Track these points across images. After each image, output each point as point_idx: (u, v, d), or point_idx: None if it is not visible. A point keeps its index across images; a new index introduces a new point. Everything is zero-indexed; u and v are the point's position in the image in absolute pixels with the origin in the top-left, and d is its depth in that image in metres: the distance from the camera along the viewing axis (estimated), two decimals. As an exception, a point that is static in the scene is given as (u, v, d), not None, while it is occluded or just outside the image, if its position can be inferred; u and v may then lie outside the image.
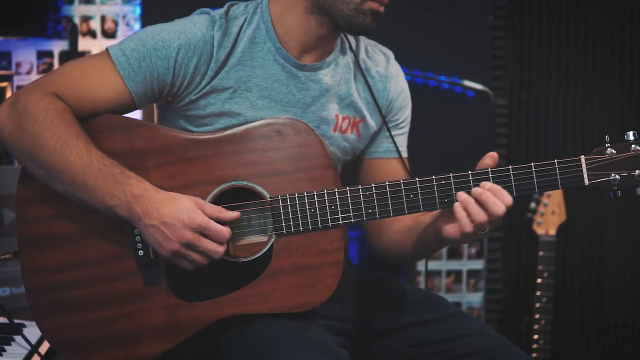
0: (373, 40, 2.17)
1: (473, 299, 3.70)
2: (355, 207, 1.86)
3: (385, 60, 2.12)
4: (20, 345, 2.00)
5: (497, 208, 1.76)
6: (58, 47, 3.36)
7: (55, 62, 3.35)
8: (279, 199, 1.86)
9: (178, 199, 1.82)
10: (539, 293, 3.34)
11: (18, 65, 3.35)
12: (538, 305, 3.34)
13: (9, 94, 3.11)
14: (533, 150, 3.58)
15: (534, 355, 3.33)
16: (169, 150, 1.89)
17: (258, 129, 1.90)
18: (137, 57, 1.90)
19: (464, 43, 3.49)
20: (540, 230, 3.38)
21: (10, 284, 2.54)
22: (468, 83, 3.47)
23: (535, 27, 3.59)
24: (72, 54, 3.32)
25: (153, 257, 1.87)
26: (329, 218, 1.86)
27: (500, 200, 1.76)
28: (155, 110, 2.08)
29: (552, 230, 3.37)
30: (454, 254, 3.68)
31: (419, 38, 3.44)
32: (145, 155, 1.88)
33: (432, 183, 1.83)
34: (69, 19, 3.37)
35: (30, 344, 1.97)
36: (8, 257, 2.14)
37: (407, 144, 2.17)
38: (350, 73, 2.07)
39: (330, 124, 2.03)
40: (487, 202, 1.76)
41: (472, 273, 3.69)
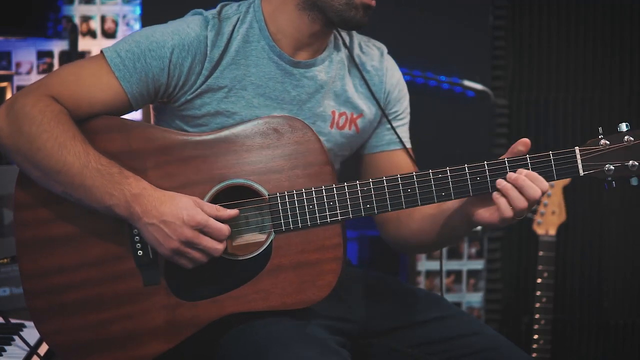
0: (377, 41, 2.19)
1: (473, 299, 3.70)
2: (354, 202, 1.86)
3: (379, 54, 2.14)
4: (19, 347, 2.00)
5: (534, 192, 1.78)
6: (58, 47, 3.36)
7: (55, 62, 3.35)
8: (277, 197, 1.87)
9: (177, 198, 1.82)
10: (539, 293, 3.34)
11: (18, 65, 3.35)
12: (538, 305, 3.34)
13: (9, 94, 3.11)
14: (533, 151, 3.57)
15: (534, 355, 3.32)
16: (167, 151, 1.90)
17: (255, 127, 1.90)
18: (131, 58, 1.91)
19: (464, 43, 3.48)
20: (540, 230, 3.37)
21: (10, 284, 2.54)
22: (468, 83, 3.47)
23: (535, 27, 3.59)
24: (72, 54, 3.32)
25: (152, 257, 1.87)
26: (328, 214, 1.86)
27: (537, 186, 1.78)
28: (152, 112, 2.09)
29: (552, 230, 3.37)
30: (454, 254, 3.68)
31: (419, 38, 3.43)
32: (143, 156, 1.89)
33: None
34: (69, 19, 3.37)
35: (29, 345, 1.96)
36: (6, 261, 2.13)
37: (409, 135, 2.18)
38: (345, 69, 2.08)
39: (327, 120, 2.04)
40: (524, 186, 1.78)
41: (472, 273, 3.69)
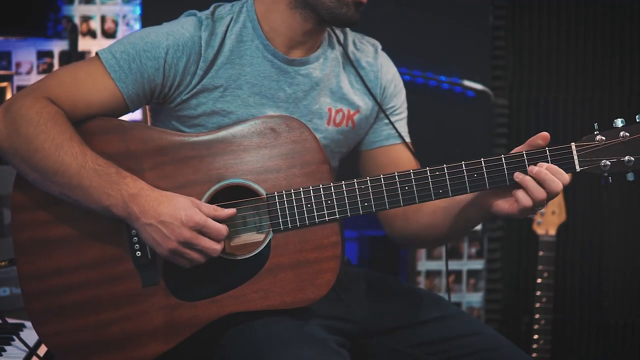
0: (371, 38, 2.19)
1: (473, 299, 3.70)
2: (351, 201, 1.87)
3: (374, 50, 2.15)
4: (18, 348, 2.00)
5: (555, 185, 1.78)
6: (58, 47, 3.36)
7: (55, 62, 3.34)
8: (275, 196, 1.87)
9: (175, 198, 1.83)
10: (539, 293, 3.34)
11: (18, 65, 3.35)
12: (538, 305, 3.34)
13: (9, 94, 3.11)
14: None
15: (534, 355, 3.32)
16: (164, 151, 1.90)
17: (252, 127, 1.91)
18: (126, 59, 1.92)
19: (464, 43, 3.48)
20: (540, 230, 3.37)
21: (10, 284, 2.54)
22: (468, 83, 3.47)
23: (535, 27, 3.59)
24: (72, 54, 3.32)
25: (150, 258, 1.87)
26: (326, 213, 1.87)
27: (558, 179, 1.78)
28: (148, 113, 2.10)
29: (552, 230, 3.37)
30: (454, 254, 3.68)
31: (419, 38, 3.43)
32: (141, 157, 1.89)
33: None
34: (69, 19, 3.37)
35: (28, 346, 1.96)
36: (4, 264, 2.13)
37: (407, 130, 2.18)
38: (340, 66, 2.09)
39: (323, 118, 2.05)
40: (546, 180, 1.78)
41: (472, 273, 3.69)
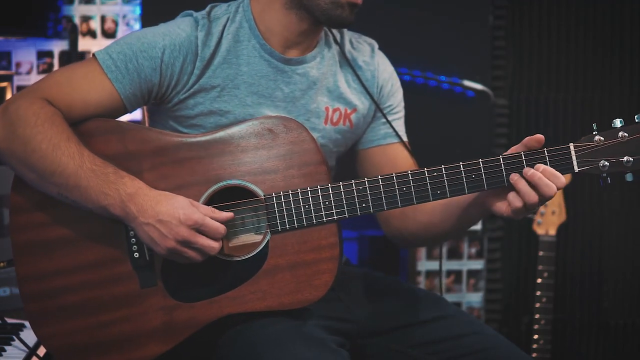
0: (370, 38, 2.19)
1: (473, 299, 3.70)
2: (349, 201, 1.87)
3: (370, 50, 2.15)
4: (18, 348, 2.00)
5: (549, 190, 1.76)
6: (58, 47, 3.36)
7: (55, 62, 3.35)
8: (273, 197, 1.87)
9: (173, 197, 1.83)
10: (539, 293, 3.34)
11: (18, 65, 3.35)
12: (538, 305, 3.33)
13: (9, 94, 3.11)
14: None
15: (534, 355, 3.32)
16: (162, 152, 1.90)
17: (250, 128, 1.91)
18: (123, 59, 1.92)
19: (464, 43, 3.48)
20: (540, 230, 3.37)
21: (10, 284, 2.54)
22: (468, 83, 3.47)
23: (535, 27, 3.59)
24: (72, 54, 3.32)
25: (149, 259, 1.87)
26: (323, 214, 1.86)
27: (553, 182, 1.77)
28: (145, 113, 2.10)
29: (552, 230, 3.37)
30: (454, 254, 3.68)
31: (419, 38, 3.43)
32: (139, 158, 1.89)
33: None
34: (69, 19, 3.37)
35: (28, 347, 1.96)
36: (2, 265, 2.13)
37: (404, 129, 2.18)
38: (337, 65, 2.09)
39: (321, 117, 2.05)
40: (539, 183, 1.76)
41: (472, 273, 3.69)
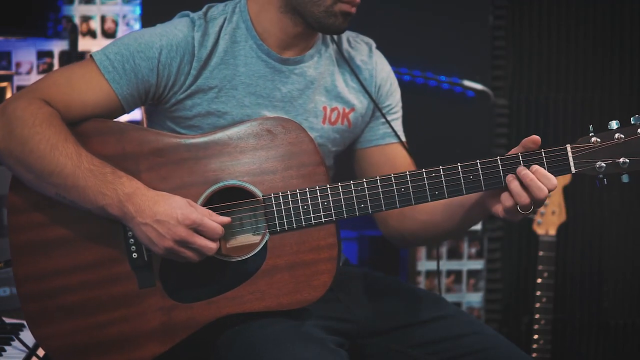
0: (370, 38, 2.19)
1: (473, 299, 3.70)
2: (348, 202, 1.87)
3: (368, 49, 2.15)
4: (18, 348, 1.99)
5: (539, 191, 1.77)
6: (58, 47, 3.36)
7: (55, 62, 3.34)
8: (272, 197, 1.87)
9: (171, 197, 1.83)
10: (539, 293, 3.34)
11: (18, 65, 3.35)
12: (538, 305, 3.33)
13: (9, 94, 3.11)
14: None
15: (534, 355, 3.32)
16: (161, 153, 1.90)
17: (248, 129, 1.91)
18: (120, 60, 1.92)
19: (464, 43, 3.48)
20: (540, 230, 3.37)
21: (10, 284, 2.54)
22: (468, 83, 3.47)
23: (535, 27, 3.59)
24: (72, 54, 3.32)
25: (147, 259, 1.87)
26: (322, 214, 1.87)
27: (544, 183, 1.77)
28: (143, 114, 2.10)
29: (552, 230, 3.37)
30: (454, 254, 3.68)
31: (419, 38, 3.43)
32: (137, 159, 1.89)
33: (421, 176, 1.86)
34: (69, 19, 3.37)
35: (28, 347, 1.96)
36: (0, 266, 2.13)
37: (402, 129, 2.18)
38: (334, 64, 2.09)
39: (319, 116, 2.05)
40: (530, 185, 1.77)
41: (472, 273, 3.69)
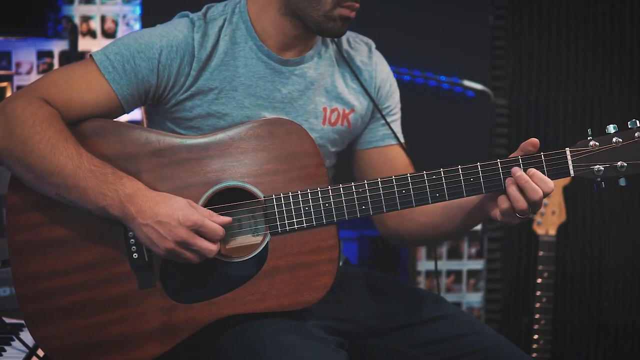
0: (370, 39, 2.19)
1: (473, 299, 3.70)
2: (349, 204, 1.87)
3: (368, 50, 2.15)
4: (18, 348, 1.99)
5: (534, 193, 1.79)
6: (58, 47, 3.35)
7: (55, 62, 3.34)
8: (273, 199, 1.87)
9: (172, 198, 1.82)
10: (539, 293, 3.34)
11: (18, 65, 3.35)
12: (538, 305, 3.33)
13: (9, 94, 3.11)
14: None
15: (534, 355, 3.32)
16: (161, 153, 1.89)
17: (250, 130, 1.91)
18: (120, 60, 1.92)
19: (464, 43, 3.48)
20: (540, 230, 3.37)
21: (10, 284, 2.54)
22: (468, 83, 3.47)
23: (535, 27, 3.59)
24: (72, 54, 3.32)
25: (147, 260, 1.87)
26: (323, 216, 1.87)
27: (540, 186, 1.79)
28: (143, 114, 2.09)
29: (552, 230, 3.37)
30: (454, 254, 3.68)
31: (419, 38, 3.43)
32: (138, 159, 1.89)
33: (412, 180, 1.86)
34: (69, 19, 3.37)
35: (28, 347, 1.96)
36: (-1, 265, 2.13)
37: (400, 130, 2.19)
38: (334, 65, 2.09)
39: (319, 117, 2.05)
40: (525, 187, 1.79)
41: (472, 273, 3.69)
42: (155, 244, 1.80)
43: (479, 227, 3.59)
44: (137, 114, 2.81)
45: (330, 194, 1.87)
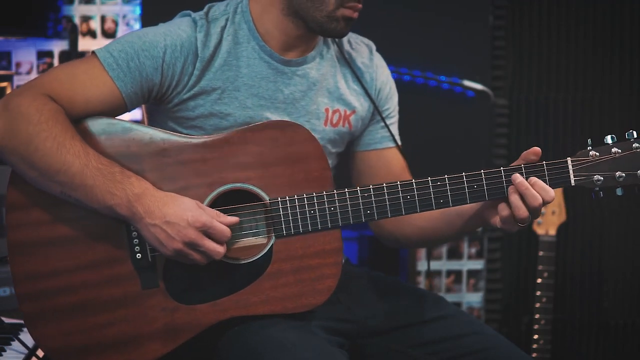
0: (370, 39, 2.19)
1: (473, 299, 3.70)
2: (354, 208, 1.87)
3: (369, 51, 2.16)
4: (18, 349, 1.99)
5: (533, 199, 1.81)
6: (58, 47, 3.35)
7: (55, 62, 3.34)
8: (279, 201, 1.87)
9: (180, 199, 1.81)
10: (539, 293, 3.34)
11: (18, 65, 3.35)
12: (538, 305, 3.34)
13: (9, 94, 3.11)
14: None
15: (534, 355, 3.32)
16: (166, 153, 1.88)
17: (256, 132, 1.90)
18: (125, 57, 1.90)
19: (464, 43, 3.49)
20: (540, 230, 3.37)
21: (10, 284, 2.53)
22: (468, 83, 3.47)
23: (535, 27, 3.59)
24: (72, 54, 3.32)
25: (151, 260, 1.86)
26: (329, 219, 1.87)
27: (541, 195, 1.82)
28: (144, 114, 2.08)
29: (552, 230, 3.37)
30: (454, 254, 3.68)
31: (420, 38, 3.43)
32: (142, 159, 1.87)
33: (411, 187, 1.85)
34: (69, 19, 3.37)
35: (27, 347, 1.95)
36: (-4, 263, 2.11)
37: (398, 132, 2.19)
38: (336, 65, 2.09)
39: (321, 118, 2.05)
40: (526, 193, 1.82)
41: (472, 273, 3.69)
42: (163, 245, 1.80)
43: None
44: (137, 114, 2.81)
45: (336, 198, 1.87)
